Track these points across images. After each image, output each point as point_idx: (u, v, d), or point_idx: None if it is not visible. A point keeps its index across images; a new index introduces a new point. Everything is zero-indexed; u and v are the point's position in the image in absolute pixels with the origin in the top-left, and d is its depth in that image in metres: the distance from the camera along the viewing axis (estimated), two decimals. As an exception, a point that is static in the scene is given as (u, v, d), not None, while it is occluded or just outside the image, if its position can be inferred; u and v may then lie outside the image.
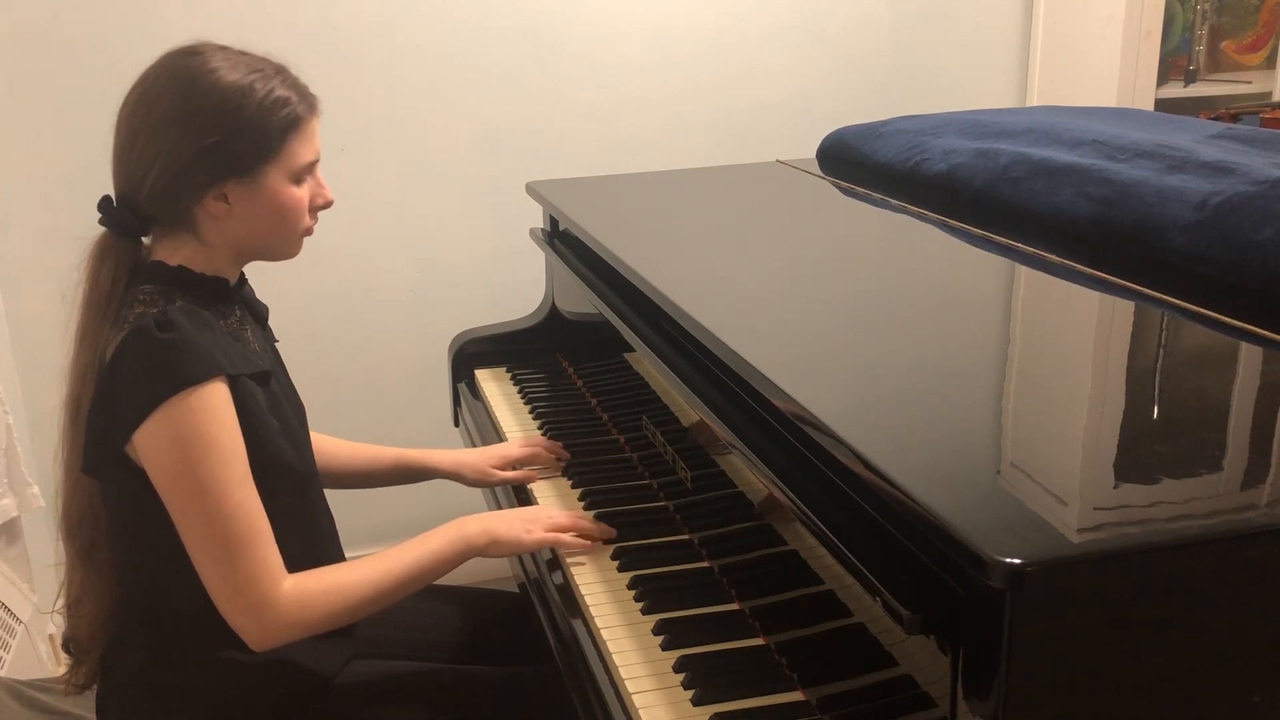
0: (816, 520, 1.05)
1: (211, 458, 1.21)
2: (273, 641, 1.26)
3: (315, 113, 1.34)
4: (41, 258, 2.43)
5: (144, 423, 1.21)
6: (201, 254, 1.32)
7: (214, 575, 1.24)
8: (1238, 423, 1.03)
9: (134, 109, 1.29)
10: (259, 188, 1.30)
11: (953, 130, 1.96)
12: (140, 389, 1.21)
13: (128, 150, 1.29)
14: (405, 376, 2.70)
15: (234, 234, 1.32)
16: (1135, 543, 0.82)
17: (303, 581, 1.27)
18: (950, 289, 1.47)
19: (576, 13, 2.65)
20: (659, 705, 1.16)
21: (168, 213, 1.30)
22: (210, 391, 1.22)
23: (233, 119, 1.26)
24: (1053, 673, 0.81)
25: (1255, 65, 2.92)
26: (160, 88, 1.28)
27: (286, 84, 1.31)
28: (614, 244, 1.67)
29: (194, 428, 1.20)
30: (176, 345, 1.22)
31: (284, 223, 1.33)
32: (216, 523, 1.22)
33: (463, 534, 1.39)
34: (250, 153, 1.28)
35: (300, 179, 1.33)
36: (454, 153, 2.64)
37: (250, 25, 2.44)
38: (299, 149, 1.31)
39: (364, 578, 1.31)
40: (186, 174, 1.27)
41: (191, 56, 1.30)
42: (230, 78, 1.27)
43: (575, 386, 2.00)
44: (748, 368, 1.18)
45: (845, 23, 2.85)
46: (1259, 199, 1.34)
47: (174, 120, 1.26)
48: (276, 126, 1.29)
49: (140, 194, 1.29)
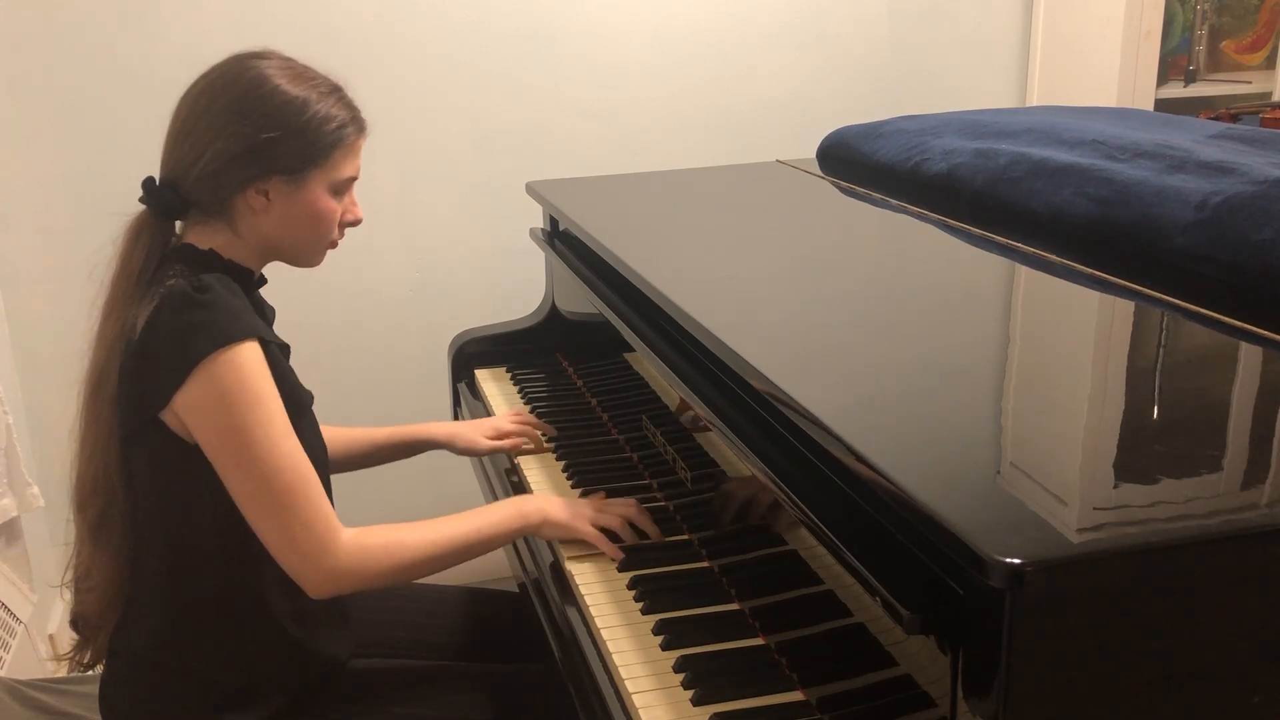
0: (816, 520, 1.05)
1: (258, 410, 1.24)
2: (332, 588, 1.29)
3: (364, 134, 1.41)
4: (41, 258, 2.43)
5: (185, 383, 1.23)
6: (232, 244, 1.37)
7: (270, 526, 1.27)
8: (1238, 423, 1.03)
9: (197, 98, 1.34)
10: (301, 190, 1.35)
11: (953, 130, 1.96)
12: (179, 349, 1.24)
13: (183, 135, 1.34)
14: (405, 376, 2.70)
15: (267, 230, 1.36)
16: (1135, 543, 0.82)
17: (363, 535, 1.31)
18: (950, 289, 1.47)
19: (576, 13, 2.65)
20: (659, 705, 1.16)
21: (210, 199, 1.34)
22: (248, 349, 1.25)
23: (290, 122, 1.32)
24: (1053, 673, 0.81)
25: (1255, 65, 2.92)
26: (225, 82, 1.33)
27: (342, 103, 1.38)
28: (614, 244, 1.67)
29: (238, 382, 1.24)
30: (213, 305, 1.25)
31: (315, 229, 1.38)
32: (268, 474, 1.24)
33: (520, 510, 1.44)
34: (300, 155, 1.33)
35: (339, 192, 1.39)
36: (454, 153, 2.64)
37: (250, 25, 2.44)
38: (344, 163, 1.38)
39: (424, 539, 1.35)
40: (237, 163, 1.32)
41: (259, 60, 1.35)
42: (292, 86, 1.34)
43: (575, 386, 2.00)
44: (748, 368, 1.18)
45: (845, 23, 2.85)
46: (1259, 199, 1.34)
47: (234, 113, 1.31)
48: (328, 138, 1.35)
49: (188, 177, 1.33)
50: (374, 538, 1.32)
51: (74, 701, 1.94)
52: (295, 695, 1.38)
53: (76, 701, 1.94)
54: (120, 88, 2.41)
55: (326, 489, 1.45)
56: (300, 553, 1.27)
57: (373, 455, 1.75)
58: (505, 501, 1.47)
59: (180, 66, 2.52)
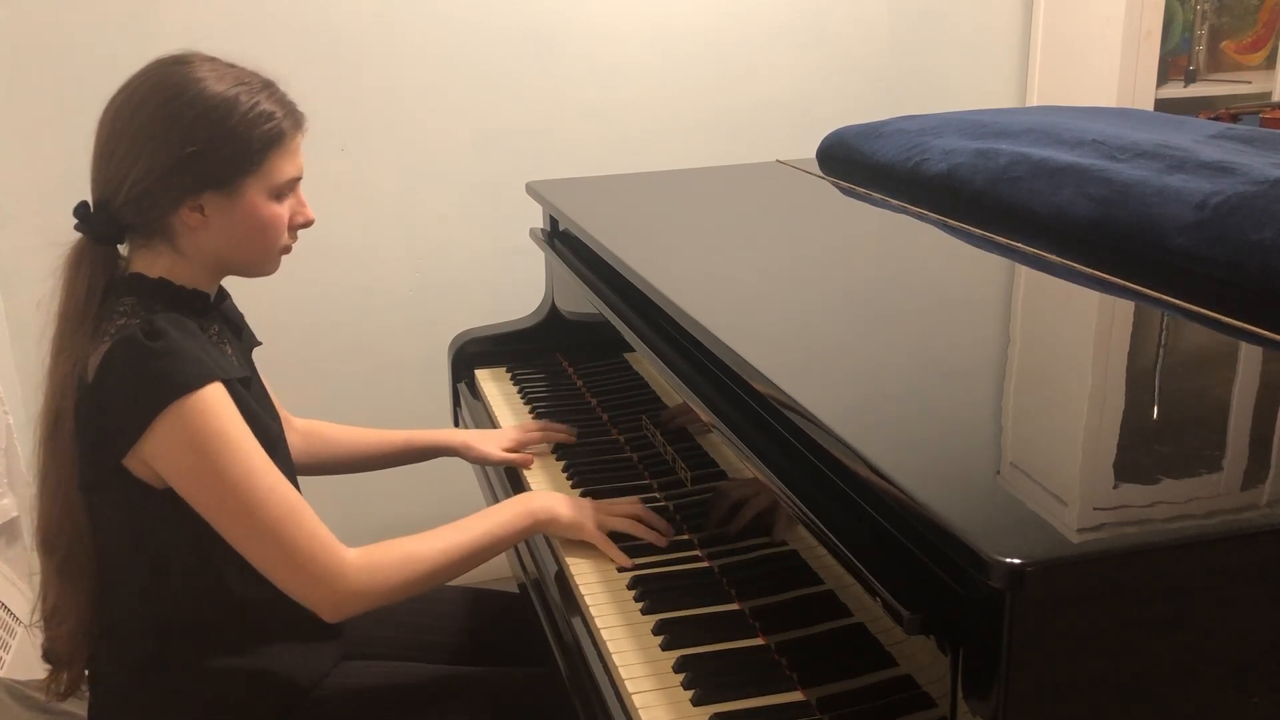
0: (816, 520, 1.05)
1: (229, 452, 1.21)
2: (349, 610, 1.27)
3: (300, 129, 1.33)
4: (41, 258, 2.42)
5: (146, 433, 1.20)
6: (180, 266, 1.31)
7: (271, 562, 1.24)
8: (1238, 423, 1.03)
9: (116, 113, 1.28)
10: (236, 201, 1.29)
11: (953, 130, 1.96)
12: (136, 399, 1.20)
13: (108, 155, 1.29)
14: (405, 376, 2.70)
15: (209, 246, 1.31)
16: (1135, 543, 0.81)
17: (371, 553, 1.28)
18: (950, 289, 1.47)
19: (576, 13, 2.65)
20: (659, 705, 1.15)
21: (144, 221, 1.29)
22: (210, 392, 1.21)
23: (215, 129, 1.26)
24: (1053, 673, 0.81)
25: (1255, 65, 2.92)
26: (144, 94, 1.27)
27: (273, 98, 1.30)
28: (614, 244, 1.67)
29: (203, 428, 1.20)
30: (167, 353, 1.20)
31: (260, 238, 1.32)
32: (256, 513, 1.22)
33: (528, 508, 1.42)
34: (230, 165, 1.27)
35: (281, 195, 1.32)
36: (454, 153, 2.64)
37: (250, 25, 2.44)
38: (281, 165, 1.30)
39: (435, 548, 1.33)
40: (164, 182, 1.26)
41: (178, 65, 1.29)
42: (216, 88, 1.27)
43: (575, 386, 2.00)
44: (747, 367, 1.18)
45: (845, 23, 2.85)
46: (1259, 199, 1.34)
47: (156, 127, 1.25)
48: (259, 140, 1.28)
49: (117, 199, 1.28)
50: (384, 554, 1.29)
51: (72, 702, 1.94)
52: (287, 705, 1.37)
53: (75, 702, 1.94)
54: (120, 88, 2.40)
55: None
56: (309, 583, 1.24)
57: (385, 458, 1.74)
58: (511, 501, 1.45)
59: (180, 66, 2.51)
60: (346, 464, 1.72)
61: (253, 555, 1.24)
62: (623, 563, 1.41)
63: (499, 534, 1.38)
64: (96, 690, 1.38)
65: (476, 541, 1.36)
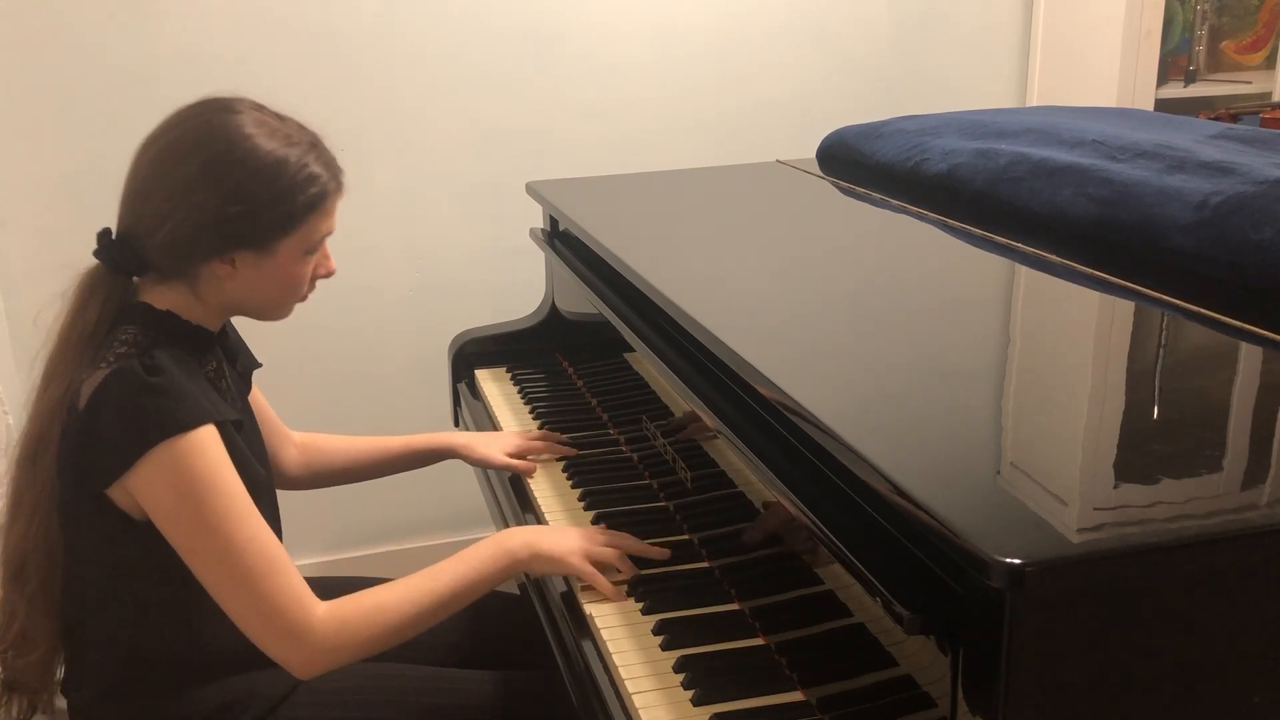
0: (816, 520, 1.05)
1: (213, 496, 1.20)
2: (319, 667, 1.25)
3: (341, 191, 1.33)
4: (41, 257, 2.43)
5: (133, 468, 1.19)
6: (191, 305, 1.31)
7: (242, 611, 1.23)
8: (1238, 423, 1.03)
9: (160, 156, 1.26)
10: (269, 259, 1.29)
11: (953, 130, 1.96)
12: (128, 433, 1.19)
13: (145, 194, 1.27)
14: (405, 376, 2.70)
15: (230, 294, 1.31)
16: (1135, 543, 0.82)
17: (341, 607, 1.26)
18: (950, 289, 1.47)
19: (576, 13, 2.65)
20: (659, 705, 1.15)
21: (172, 264, 1.29)
22: (202, 434, 1.21)
23: (261, 192, 1.25)
24: (1053, 673, 0.81)
25: (1255, 65, 2.92)
26: (191, 143, 1.26)
27: (320, 160, 1.30)
28: (614, 244, 1.67)
29: (191, 470, 1.19)
30: (165, 390, 1.20)
31: (282, 293, 1.33)
32: (232, 560, 1.20)
33: (505, 548, 1.37)
34: (270, 227, 1.27)
35: (311, 252, 1.33)
36: (454, 153, 2.64)
37: (250, 25, 2.44)
38: (319, 225, 1.31)
39: (404, 598, 1.29)
40: (201, 234, 1.25)
41: (228, 115, 1.27)
42: (265, 147, 1.26)
43: (575, 386, 2.00)
44: (747, 368, 1.18)
45: (845, 23, 2.85)
46: (1259, 199, 1.34)
47: (201, 181, 1.24)
48: (303, 204, 1.28)
49: (150, 241, 1.27)
50: (351, 608, 1.26)
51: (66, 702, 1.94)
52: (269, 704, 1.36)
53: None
54: (120, 88, 2.40)
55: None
56: (278, 637, 1.22)
57: (384, 465, 1.72)
58: (487, 541, 1.38)
59: (181, 66, 2.53)
60: (345, 474, 1.70)
61: (225, 602, 1.23)
62: (614, 598, 1.34)
63: (474, 579, 1.33)
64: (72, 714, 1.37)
65: (450, 588, 1.31)
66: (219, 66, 2.45)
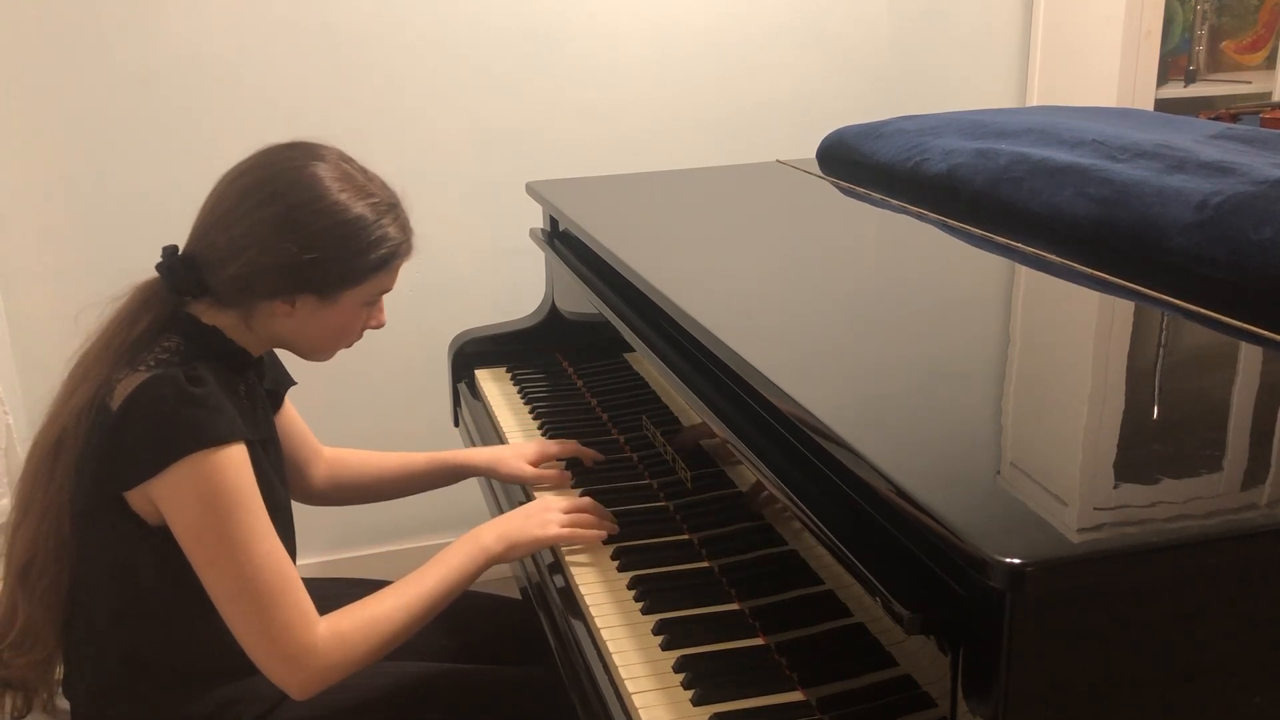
0: (816, 520, 1.05)
1: (238, 512, 1.21)
2: (317, 687, 1.26)
3: (411, 253, 1.37)
4: (41, 258, 2.43)
5: (162, 474, 1.20)
6: (239, 330, 1.33)
7: (248, 629, 1.23)
8: (1238, 423, 1.03)
9: (245, 193, 1.28)
10: (330, 306, 1.32)
11: (953, 130, 1.96)
12: (162, 439, 1.20)
13: (222, 225, 1.29)
14: (405, 376, 2.70)
15: (282, 331, 1.34)
16: (1135, 543, 0.81)
17: (337, 622, 1.27)
18: (950, 289, 1.47)
19: (576, 13, 2.65)
20: (659, 705, 1.16)
21: (233, 296, 1.30)
22: (234, 451, 1.22)
23: (337, 247, 1.28)
24: (1053, 673, 0.81)
25: (1255, 65, 2.92)
26: (278, 186, 1.28)
27: (396, 222, 1.34)
28: (614, 244, 1.67)
29: (220, 484, 1.20)
30: (205, 402, 1.21)
31: (334, 339, 1.37)
32: (246, 576, 1.21)
33: (480, 545, 1.40)
34: (339, 278, 1.30)
35: (369, 304, 1.36)
36: (454, 153, 2.64)
37: (251, 25, 2.44)
38: (383, 281, 1.35)
39: (395, 605, 1.31)
40: (270, 275, 1.28)
41: (317, 163, 1.30)
42: (348, 204, 1.29)
43: (575, 386, 2.00)
44: (747, 368, 1.18)
45: (845, 23, 2.85)
46: (1259, 199, 1.34)
47: (283, 224, 1.26)
48: (374, 261, 1.31)
49: (219, 270, 1.29)
50: (348, 621, 1.28)
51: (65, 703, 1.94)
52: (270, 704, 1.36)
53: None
54: (120, 88, 2.41)
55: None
56: (279, 656, 1.23)
57: (410, 481, 1.72)
58: (462, 540, 1.41)
59: (181, 66, 2.53)
60: (372, 491, 1.70)
61: (232, 618, 1.24)
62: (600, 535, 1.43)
63: (456, 579, 1.36)
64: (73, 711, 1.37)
65: (435, 590, 1.34)
66: (219, 66, 2.45)
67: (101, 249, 2.42)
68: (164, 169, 2.42)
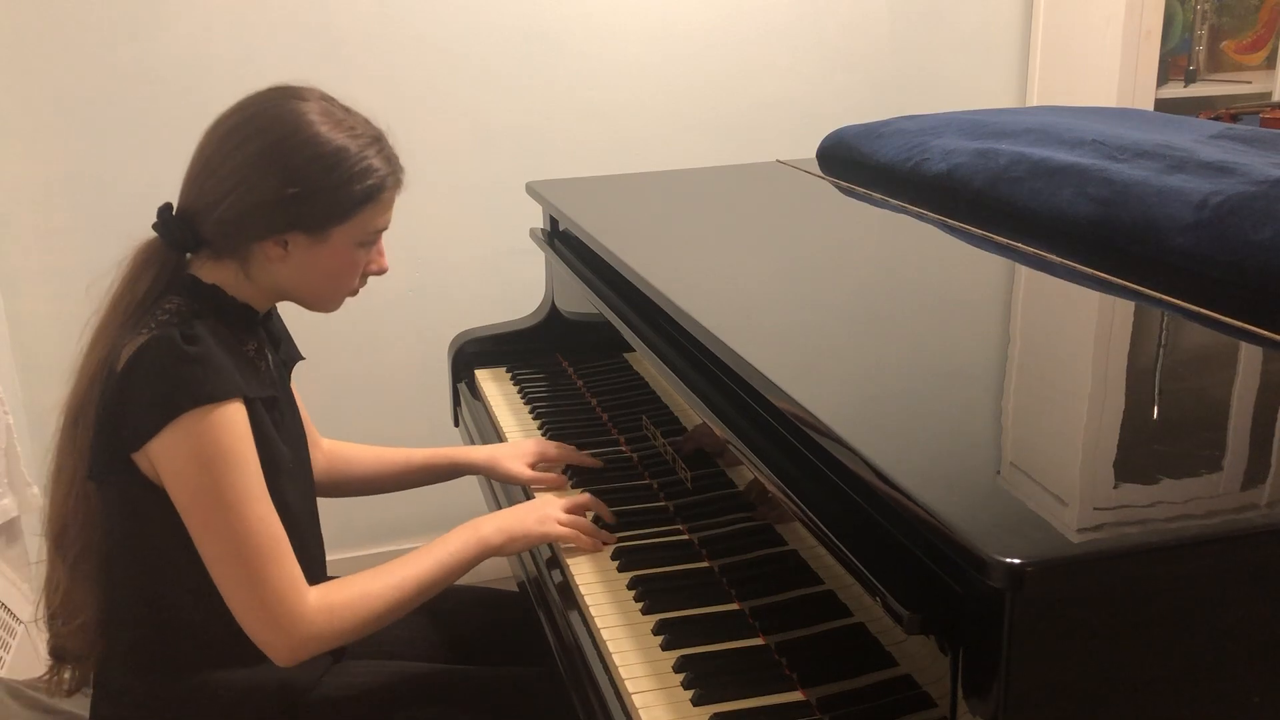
0: (816, 520, 1.05)
1: (232, 473, 1.21)
2: (302, 655, 1.26)
3: (400, 185, 1.37)
4: (41, 258, 2.43)
5: (159, 433, 1.20)
6: (240, 284, 1.33)
7: (237, 592, 1.24)
8: (1238, 423, 1.03)
9: (228, 134, 1.29)
10: (322, 245, 1.31)
11: (953, 130, 1.96)
12: (159, 398, 1.21)
13: (208, 170, 1.30)
14: (405, 376, 2.70)
15: (280, 278, 1.33)
16: (1135, 543, 0.81)
17: (328, 593, 1.28)
18: (950, 289, 1.47)
19: (576, 13, 2.65)
20: (659, 705, 1.15)
21: (226, 241, 1.31)
22: (230, 409, 1.22)
23: (321, 178, 1.28)
24: (1053, 673, 0.81)
25: (1255, 65, 2.92)
26: (259, 124, 1.29)
27: (381, 154, 1.34)
28: (614, 244, 1.67)
29: (214, 443, 1.20)
30: (200, 359, 1.21)
31: (333, 282, 1.36)
32: (238, 538, 1.22)
33: (478, 535, 1.40)
34: (325, 213, 1.30)
35: (365, 244, 1.36)
36: (454, 152, 2.64)
37: (251, 24, 2.44)
38: (374, 218, 1.34)
39: (388, 584, 1.32)
40: (258, 213, 1.28)
41: (296, 100, 1.31)
42: (328, 136, 1.29)
43: (575, 386, 2.00)
44: (747, 368, 1.18)
45: (845, 23, 2.85)
46: (1259, 199, 1.34)
47: (264, 160, 1.27)
48: (359, 194, 1.31)
49: (207, 216, 1.29)
50: (339, 594, 1.28)
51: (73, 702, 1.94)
52: (285, 704, 1.36)
53: (76, 702, 1.94)
54: (120, 88, 2.41)
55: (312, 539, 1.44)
56: (267, 621, 1.23)
57: (407, 477, 1.72)
58: (461, 529, 1.42)
59: (181, 66, 2.53)
60: (368, 484, 1.70)
61: (220, 579, 1.24)
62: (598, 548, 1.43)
63: (450, 565, 1.36)
64: (100, 691, 1.38)
65: (429, 574, 1.34)
66: (219, 66, 2.45)
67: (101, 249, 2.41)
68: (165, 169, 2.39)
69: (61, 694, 1.40)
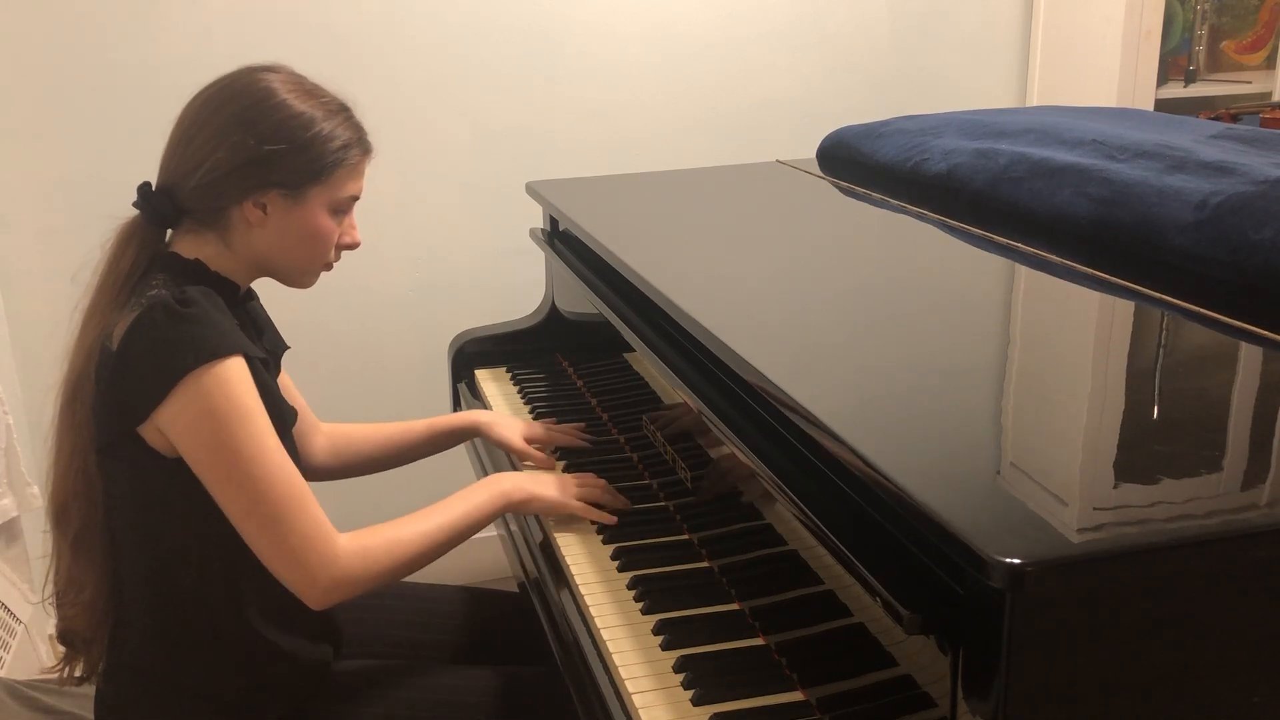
0: (816, 520, 1.05)
1: (246, 426, 1.22)
2: (336, 597, 1.28)
3: (369, 155, 1.40)
4: (41, 258, 2.43)
5: (166, 399, 1.21)
6: (221, 256, 1.35)
7: (268, 542, 1.25)
8: (1238, 423, 1.03)
9: (202, 106, 1.33)
10: (299, 206, 1.33)
11: (953, 130, 1.96)
12: (161, 363, 1.21)
13: (184, 142, 1.33)
14: (405, 377, 2.70)
15: (260, 245, 1.34)
16: (1135, 543, 0.82)
17: (360, 537, 1.30)
18: (950, 289, 1.47)
19: (576, 13, 2.65)
20: (659, 705, 1.16)
21: (205, 208, 1.32)
22: (233, 364, 1.23)
23: (294, 137, 1.31)
24: (1053, 673, 0.81)
25: (1255, 65, 2.92)
26: (232, 92, 1.32)
27: (349, 123, 1.37)
28: (614, 244, 1.67)
29: (225, 398, 1.21)
30: (196, 319, 1.23)
31: (310, 248, 1.37)
32: (261, 489, 1.23)
33: (501, 488, 1.46)
34: (301, 171, 1.32)
35: (338, 211, 1.37)
36: (454, 152, 2.64)
37: (251, 24, 2.44)
38: (347, 182, 1.36)
39: (418, 531, 1.35)
40: (236, 174, 1.30)
41: (268, 73, 1.35)
42: (299, 102, 1.33)
43: (575, 386, 2.00)
44: (748, 368, 1.18)
45: (845, 23, 2.85)
46: (1259, 199, 1.34)
47: (238, 124, 1.30)
48: (331, 156, 1.34)
49: (186, 185, 1.31)
50: (373, 538, 1.31)
51: (73, 702, 1.94)
52: (293, 701, 1.37)
53: (76, 702, 1.94)
54: (120, 88, 2.40)
55: None
56: (301, 566, 1.25)
57: (410, 449, 1.74)
58: (484, 482, 1.47)
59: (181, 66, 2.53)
60: (373, 462, 1.72)
61: (249, 533, 1.25)
62: (610, 519, 1.48)
63: (475, 515, 1.41)
64: (107, 674, 1.38)
65: (456, 523, 1.39)
66: (220, 67, 2.41)
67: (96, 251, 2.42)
68: (164, 169, 2.42)
69: (72, 683, 1.40)
